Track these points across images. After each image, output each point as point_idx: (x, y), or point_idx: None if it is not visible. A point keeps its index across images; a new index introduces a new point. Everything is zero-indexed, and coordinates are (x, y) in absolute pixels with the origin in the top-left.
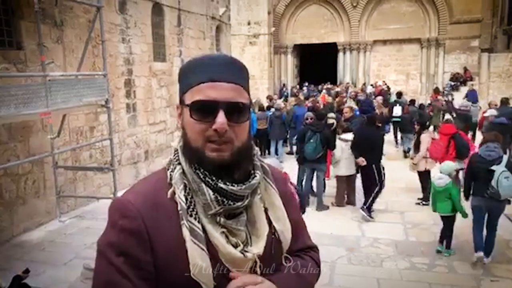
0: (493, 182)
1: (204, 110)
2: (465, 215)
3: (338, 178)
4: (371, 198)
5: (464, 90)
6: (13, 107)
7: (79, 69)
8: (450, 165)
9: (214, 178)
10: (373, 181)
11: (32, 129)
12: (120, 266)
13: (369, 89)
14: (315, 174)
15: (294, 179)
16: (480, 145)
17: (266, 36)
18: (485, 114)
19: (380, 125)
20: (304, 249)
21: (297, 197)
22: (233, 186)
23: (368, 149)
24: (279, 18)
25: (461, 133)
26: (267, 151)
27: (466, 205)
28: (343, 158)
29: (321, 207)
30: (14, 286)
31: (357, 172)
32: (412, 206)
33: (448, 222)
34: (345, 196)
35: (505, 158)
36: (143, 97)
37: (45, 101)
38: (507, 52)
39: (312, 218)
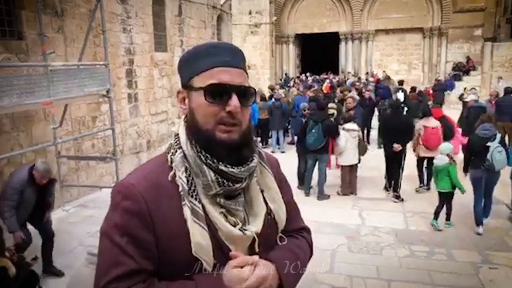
0: (489, 156)
1: (218, 93)
2: (463, 190)
3: (343, 167)
4: (399, 184)
5: (466, 79)
6: (15, 97)
7: (80, 59)
8: (449, 146)
9: (215, 161)
10: (399, 165)
11: (35, 118)
12: (124, 246)
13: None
14: (317, 164)
15: (294, 168)
16: (477, 126)
17: (267, 25)
18: (465, 100)
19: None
20: (297, 229)
21: None
22: (233, 168)
23: (400, 134)
24: (281, 8)
25: (446, 117)
26: (269, 141)
27: (465, 181)
28: (348, 148)
29: (322, 196)
30: (22, 273)
31: (359, 162)
32: (412, 195)
33: (447, 198)
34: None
35: (499, 135)
36: (144, 87)
37: (47, 91)
38: (511, 41)
39: (313, 207)
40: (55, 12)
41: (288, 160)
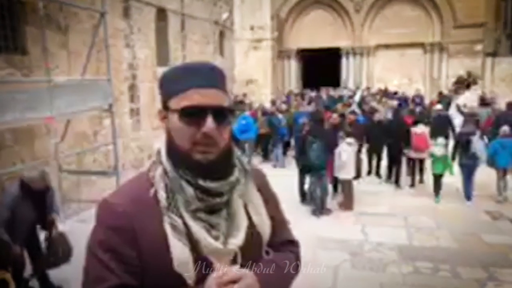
0: (473, 147)
1: (193, 115)
2: (452, 172)
3: (344, 182)
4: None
5: (467, 94)
6: (18, 112)
7: (83, 74)
8: (443, 140)
9: (193, 176)
10: (398, 160)
11: (37, 133)
12: (108, 262)
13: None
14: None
15: (294, 183)
16: (463, 125)
17: (269, 40)
18: (434, 108)
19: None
20: (284, 243)
21: None
22: (212, 183)
23: (395, 137)
24: (282, 23)
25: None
26: (270, 155)
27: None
28: (350, 162)
29: (325, 211)
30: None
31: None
32: (416, 210)
33: (440, 179)
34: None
35: (478, 132)
36: (146, 101)
37: (50, 105)
38: (511, 56)
39: (315, 223)
40: (59, 27)
41: (289, 176)
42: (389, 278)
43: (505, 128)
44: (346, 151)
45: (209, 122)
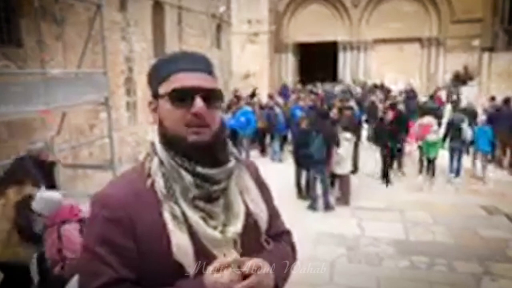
0: (463, 133)
1: (182, 96)
2: (444, 148)
3: (342, 177)
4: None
5: (465, 89)
6: (12, 105)
7: (79, 66)
8: (436, 127)
9: (192, 163)
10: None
11: (32, 126)
12: (104, 255)
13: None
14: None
15: (292, 177)
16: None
17: (266, 34)
18: (421, 101)
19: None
20: (278, 233)
21: None
22: (210, 169)
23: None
24: (280, 17)
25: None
26: (268, 149)
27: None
28: (347, 157)
29: (329, 207)
30: None
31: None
32: (412, 205)
33: (434, 161)
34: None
35: (466, 119)
36: (143, 95)
37: (45, 98)
38: (508, 51)
39: (312, 217)
40: (55, 19)
41: (286, 170)
42: (385, 272)
43: (482, 118)
44: (343, 146)
45: (198, 102)
